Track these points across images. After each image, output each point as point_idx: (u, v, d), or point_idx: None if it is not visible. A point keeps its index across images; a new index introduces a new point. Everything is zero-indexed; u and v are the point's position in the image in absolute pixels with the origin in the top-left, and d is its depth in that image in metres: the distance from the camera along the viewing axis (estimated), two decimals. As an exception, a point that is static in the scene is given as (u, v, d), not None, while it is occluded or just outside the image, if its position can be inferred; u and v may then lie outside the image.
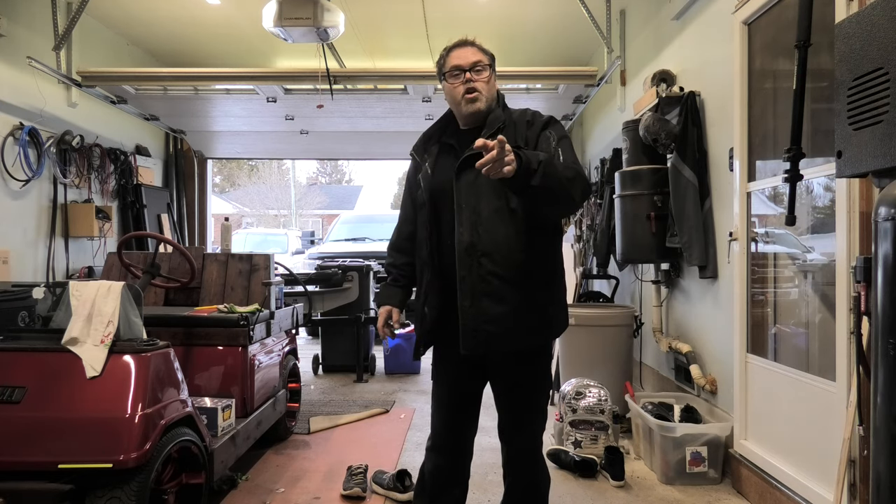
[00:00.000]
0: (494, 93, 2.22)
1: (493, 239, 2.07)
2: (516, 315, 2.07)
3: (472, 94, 2.15)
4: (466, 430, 2.35)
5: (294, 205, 30.33)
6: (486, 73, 2.17)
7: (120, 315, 2.41)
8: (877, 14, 1.81)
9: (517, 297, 2.07)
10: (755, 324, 3.23)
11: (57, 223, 5.22)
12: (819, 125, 2.71)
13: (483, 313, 2.06)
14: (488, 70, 2.19)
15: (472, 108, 2.16)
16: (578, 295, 5.32)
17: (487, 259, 2.07)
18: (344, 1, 5.13)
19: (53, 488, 2.14)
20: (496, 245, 2.07)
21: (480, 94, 2.15)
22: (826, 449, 2.53)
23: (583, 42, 6.23)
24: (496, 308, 2.06)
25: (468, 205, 2.10)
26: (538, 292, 2.12)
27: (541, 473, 2.29)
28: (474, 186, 2.10)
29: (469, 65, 2.16)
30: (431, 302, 2.20)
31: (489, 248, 2.07)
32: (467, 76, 2.15)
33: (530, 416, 2.25)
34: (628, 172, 4.17)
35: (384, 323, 2.36)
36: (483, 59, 2.18)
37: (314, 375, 6.02)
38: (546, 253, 2.16)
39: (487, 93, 2.17)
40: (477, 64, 2.17)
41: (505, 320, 2.06)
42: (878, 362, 1.62)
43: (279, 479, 3.32)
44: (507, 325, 2.07)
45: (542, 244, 2.14)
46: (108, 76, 5.19)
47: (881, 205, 1.64)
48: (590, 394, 3.72)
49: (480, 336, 2.07)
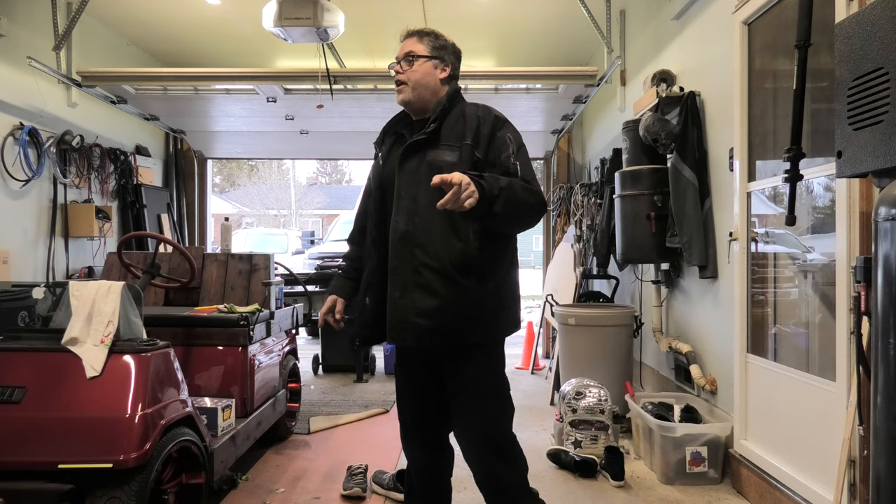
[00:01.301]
0: (433, 82, 2.18)
1: (429, 229, 2.03)
2: (448, 309, 2.02)
3: (398, 86, 2.19)
4: (432, 423, 2.29)
5: (294, 205, 30.34)
6: (416, 64, 2.16)
7: (120, 315, 2.41)
8: (877, 14, 1.81)
9: (451, 291, 2.02)
10: (755, 324, 3.23)
11: (57, 223, 5.22)
12: (819, 125, 2.71)
13: (413, 306, 2.02)
14: (421, 60, 2.17)
15: (398, 98, 2.20)
16: (578, 295, 5.32)
17: (421, 250, 2.03)
18: (344, 1, 5.13)
19: (53, 488, 2.14)
20: (431, 236, 2.03)
21: (405, 85, 2.16)
22: (826, 449, 2.53)
23: (583, 42, 6.23)
24: (427, 301, 2.01)
25: (407, 193, 2.08)
26: (476, 287, 2.05)
27: (498, 465, 2.13)
28: (416, 174, 2.08)
29: (401, 56, 2.19)
30: (372, 292, 2.19)
31: (424, 238, 2.03)
32: (396, 68, 2.19)
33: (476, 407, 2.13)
34: (628, 172, 4.17)
35: (326, 311, 2.36)
36: (417, 48, 2.18)
37: (314, 375, 6.02)
38: (487, 247, 2.08)
39: (416, 83, 2.15)
40: (408, 55, 2.18)
41: (436, 314, 2.01)
42: (878, 362, 1.62)
43: (279, 479, 3.32)
44: (439, 319, 2.02)
45: (483, 238, 2.06)
46: (108, 76, 5.18)
47: (881, 205, 1.64)
48: (590, 394, 3.72)
49: (409, 329, 2.03)
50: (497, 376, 2.20)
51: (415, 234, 2.05)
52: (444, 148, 2.09)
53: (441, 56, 2.21)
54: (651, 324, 4.42)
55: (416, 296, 2.02)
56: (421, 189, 2.05)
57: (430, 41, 2.21)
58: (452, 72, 2.24)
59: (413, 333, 2.04)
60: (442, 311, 2.02)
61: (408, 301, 2.03)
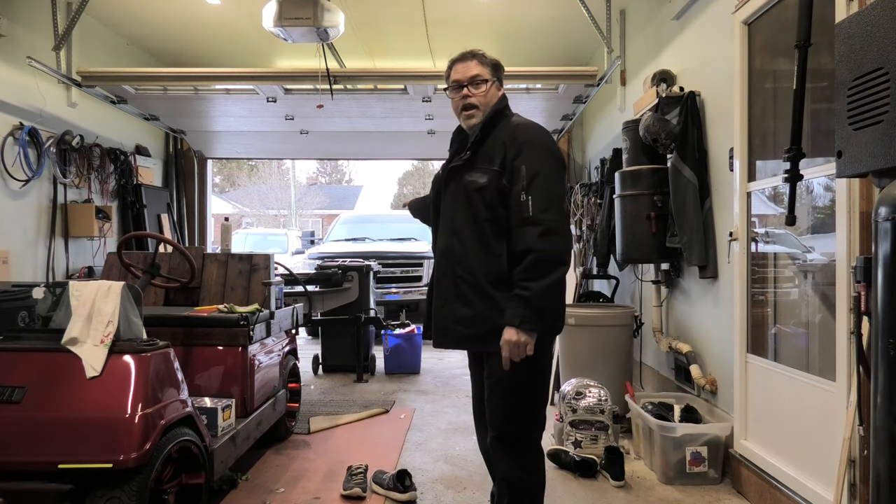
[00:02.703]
0: (494, 101, 2.27)
1: (465, 246, 2.20)
2: (481, 318, 2.17)
3: (469, 110, 2.26)
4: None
5: (294, 205, 30.34)
6: (483, 87, 2.24)
7: (120, 315, 2.41)
8: (877, 14, 1.81)
9: (485, 302, 2.17)
10: (755, 324, 3.23)
11: (57, 223, 5.22)
12: (819, 125, 2.71)
13: (453, 314, 2.22)
14: (487, 83, 2.24)
15: (468, 123, 2.28)
16: (578, 295, 5.32)
17: (459, 265, 2.21)
18: (344, 1, 5.13)
19: (53, 488, 2.14)
20: (466, 252, 2.20)
21: (477, 109, 2.24)
22: (826, 449, 2.53)
23: (583, 42, 6.23)
24: (464, 311, 2.19)
25: (448, 212, 2.28)
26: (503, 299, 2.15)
27: (515, 472, 2.22)
28: (455, 195, 2.25)
29: (467, 80, 2.24)
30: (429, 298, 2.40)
31: (460, 254, 2.21)
32: (464, 92, 2.24)
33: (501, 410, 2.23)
34: (628, 172, 4.17)
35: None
36: (482, 72, 2.25)
37: (314, 375, 6.02)
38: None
39: (486, 106, 2.24)
40: (476, 78, 2.24)
41: (471, 323, 2.19)
42: (878, 362, 1.63)
43: (279, 479, 3.32)
44: (474, 327, 2.19)
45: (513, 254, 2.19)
46: (108, 76, 5.18)
47: (881, 205, 1.64)
48: (590, 394, 3.72)
49: (449, 334, 2.24)
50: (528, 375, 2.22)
51: (453, 251, 2.23)
52: (477, 170, 2.20)
53: (498, 77, 2.30)
54: (651, 324, 4.42)
55: (455, 305, 2.22)
56: (458, 208, 2.23)
57: (487, 62, 2.27)
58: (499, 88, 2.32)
59: (452, 338, 2.25)
60: (476, 319, 2.19)
61: (448, 310, 2.24)
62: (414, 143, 7.51)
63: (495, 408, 2.25)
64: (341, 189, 35.84)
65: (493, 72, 2.26)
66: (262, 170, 31.74)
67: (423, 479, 3.35)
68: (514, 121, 2.25)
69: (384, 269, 8.09)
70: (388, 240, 9.64)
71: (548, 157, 2.17)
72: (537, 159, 2.14)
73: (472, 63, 2.25)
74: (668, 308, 4.36)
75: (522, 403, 2.24)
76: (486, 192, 2.14)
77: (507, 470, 2.24)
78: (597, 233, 5.27)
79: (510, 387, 2.21)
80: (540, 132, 2.23)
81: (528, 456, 2.27)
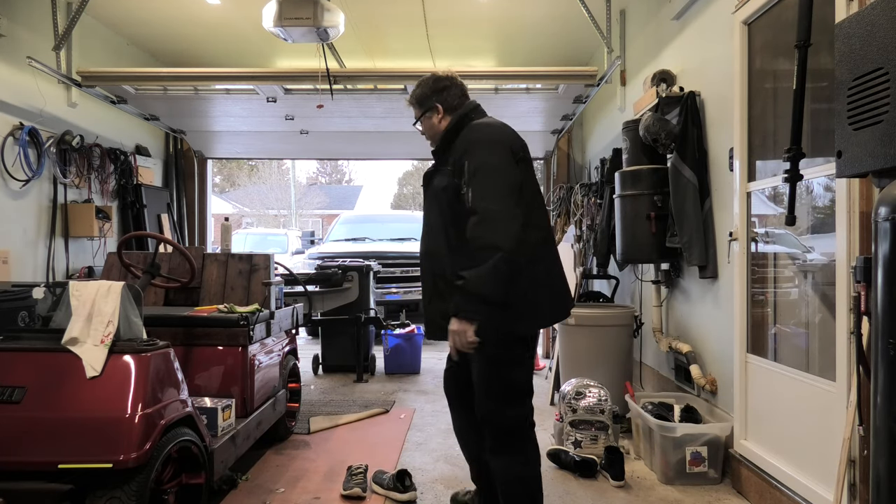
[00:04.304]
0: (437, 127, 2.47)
1: (437, 245, 2.36)
2: None
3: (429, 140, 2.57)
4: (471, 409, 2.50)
5: (294, 205, 30.33)
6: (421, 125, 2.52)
7: (120, 315, 2.41)
8: (877, 14, 1.81)
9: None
10: (755, 324, 3.23)
11: (57, 223, 5.22)
12: (819, 125, 2.71)
13: (437, 310, 2.35)
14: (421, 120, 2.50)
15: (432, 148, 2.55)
16: (578, 295, 5.32)
17: (434, 263, 2.37)
18: (344, 1, 5.13)
19: (53, 488, 2.14)
20: (438, 251, 2.36)
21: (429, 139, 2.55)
22: (826, 449, 2.53)
23: (583, 42, 6.23)
24: (443, 305, 2.30)
25: (425, 216, 2.47)
26: None
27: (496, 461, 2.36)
28: (428, 199, 2.46)
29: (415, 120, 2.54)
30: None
31: (434, 254, 2.38)
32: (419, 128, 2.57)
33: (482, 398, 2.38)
34: (628, 172, 4.17)
35: None
36: (415, 112, 2.52)
37: (314, 375, 6.02)
38: None
39: (432, 136, 2.51)
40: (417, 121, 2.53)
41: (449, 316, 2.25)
42: (878, 362, 1.63)
43: (279, 479, 3.32)
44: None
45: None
46: (108, 76, 5.18)
47: (881, 205, 1.64)
48: (590, 394, 3.72)
49: (437, 329, 2.36)
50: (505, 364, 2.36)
51: (429, 251, 2.41)
52: (440, 173, 2.41)
53: (427, 106, 2.47)
54: (651, 324, 4.42)
55: (437, 302, 2.37)
56: (431, 211, 2.42)
57: (414, 98, 2.51)
58: (445, 106, 2.46)
59: (441, 332, 2.34)
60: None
61: (434, 307, 2.39)
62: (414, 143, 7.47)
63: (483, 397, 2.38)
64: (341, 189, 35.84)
65: (420, 105, 2.49)
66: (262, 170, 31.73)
67: (423, 479, 3.35)
68: (475, 123, 2.38)
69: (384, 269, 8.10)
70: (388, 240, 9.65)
71: (492, 150, 2.25)
72: (480, 153, 2.25)
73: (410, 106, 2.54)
74: (668, 308, 4.36)
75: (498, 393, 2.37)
76: (446, 192, 2.31)
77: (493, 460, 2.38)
78: (597, 233, 5.27)
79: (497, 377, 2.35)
80: (492, 129, 2.35)
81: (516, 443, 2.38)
